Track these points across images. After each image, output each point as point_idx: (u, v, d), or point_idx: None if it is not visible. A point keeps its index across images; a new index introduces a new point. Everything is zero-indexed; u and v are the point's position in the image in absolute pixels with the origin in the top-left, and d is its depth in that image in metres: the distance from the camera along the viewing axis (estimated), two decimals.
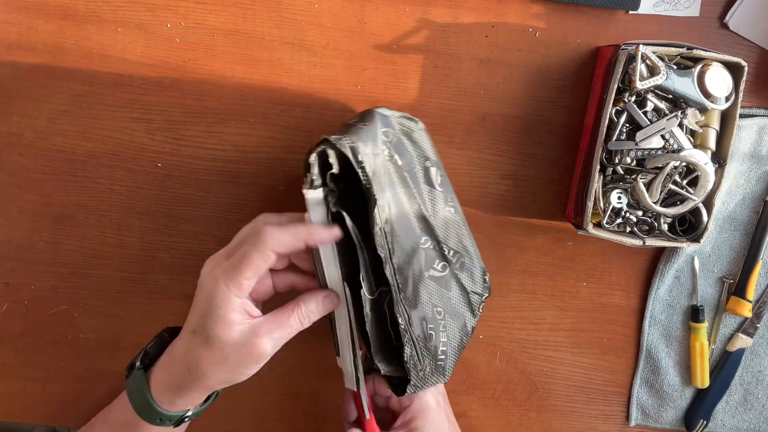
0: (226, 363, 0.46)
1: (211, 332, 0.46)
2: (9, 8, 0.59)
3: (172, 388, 0.49)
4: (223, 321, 0.45)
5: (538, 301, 0.66)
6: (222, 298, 0.45)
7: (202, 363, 0.47)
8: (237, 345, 0.46)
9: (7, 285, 0.64)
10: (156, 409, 0.49)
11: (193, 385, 0.48)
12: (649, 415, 0.68)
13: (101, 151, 0.62)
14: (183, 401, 0.49)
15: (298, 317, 0.48)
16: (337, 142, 0.48)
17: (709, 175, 0.56)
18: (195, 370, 0.47)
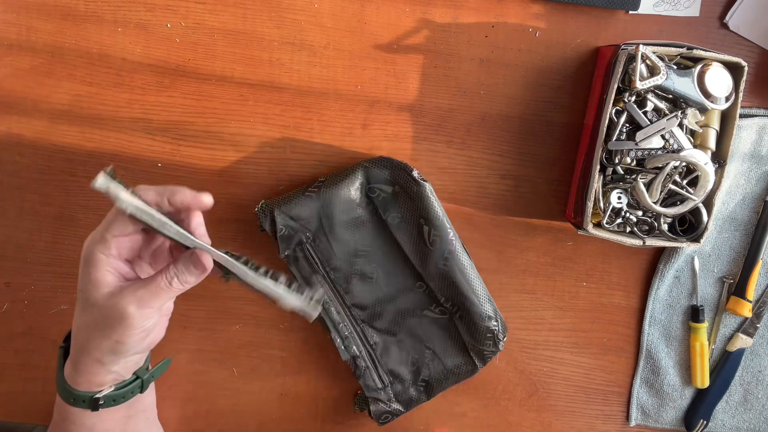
0: (97, 327, 0.45)
1: (84, 294, 0.46)
2: (9, 8, 0.59)
3: (72, 364, 0.48)
4: (92, 282, 0.45)
5: (538, 301, 0.66)
6: (90, 258, 0.45)
7: (82, 329, 0.46)
8: (104, 306, 0.45)
9: (7, 285, 0.64)
10: (66, 387, 0.48)
11: (82, 357, 0.47)
12: (649, 415, 0.68)
13: (101, 151, 0.62)
14: (83, 378, 0.48)
15: (165, 276, 0.46)
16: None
17: (709, 175, 0.56)
18: (79, 339, 0.47)
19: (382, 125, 0.62)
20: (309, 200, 0.60)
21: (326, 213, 0.60)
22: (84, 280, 0.46)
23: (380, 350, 0.63)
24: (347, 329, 0.62)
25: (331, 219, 0.60)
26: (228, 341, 0.66)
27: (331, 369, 0.67)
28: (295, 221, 0.60)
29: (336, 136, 0.62)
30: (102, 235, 0.46)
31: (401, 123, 0.62)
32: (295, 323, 0.66)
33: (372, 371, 0.63)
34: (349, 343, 0.62)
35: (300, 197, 0.60)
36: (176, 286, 0.46)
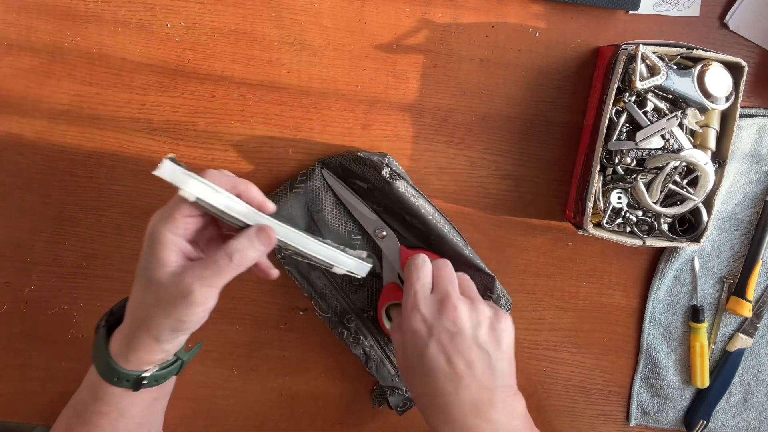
0: (160, 305, 0.46)
1: (147, 272, 0.46)
2: (9, 8, 0.59)
3: (124, 341, 0.48)
4: (157, 260, 0.45)
5: (538, 301, 0.66)
6: (157, 237, 0.46)
7: (141, 307, 0.47)
8: (168, 285, 0.45)
9: (7, 285, 0.64)
10: (112, 366, 0.48)
11: (140, 334, 0.47)
12: (649, 415, 0.68)
13: (101, 151, 0.62)
14: (136, 356, 0.48)
15: (225, 253, 0.46)
16: None
17: (709, 175, 0.56)
18: (137, 317, 0.47)
19: (382, 125, 0.62)
20: (296, 197, 0.60)
21: (316, 207, 0.60)
22: (148, 258, 0.46)
23: (388, 337, 0.63)
24: (353, 321, 0.62)
25: (322, 212, 0.60)
26: (228, 341, 0.66)
27: (331, 369, 0.67)
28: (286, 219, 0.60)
29: (336, 136, 0.62)
30: (171, 214, 0.46)
31: (401, 123, 0.62)
32: (295, 323, 0.66)
33: (384, 359, 0.63)
34: (357, 335, 0.62)
35: (287, 195, 0.60)
36: (237, 261, 0.46)
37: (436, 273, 0.53)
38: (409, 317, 0.51)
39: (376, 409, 0.67)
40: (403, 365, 0.52)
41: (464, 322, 0.50)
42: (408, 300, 0.51)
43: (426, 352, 0.49)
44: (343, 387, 0.67)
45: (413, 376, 0.51)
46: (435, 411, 0.50)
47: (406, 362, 0.52)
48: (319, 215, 0.61)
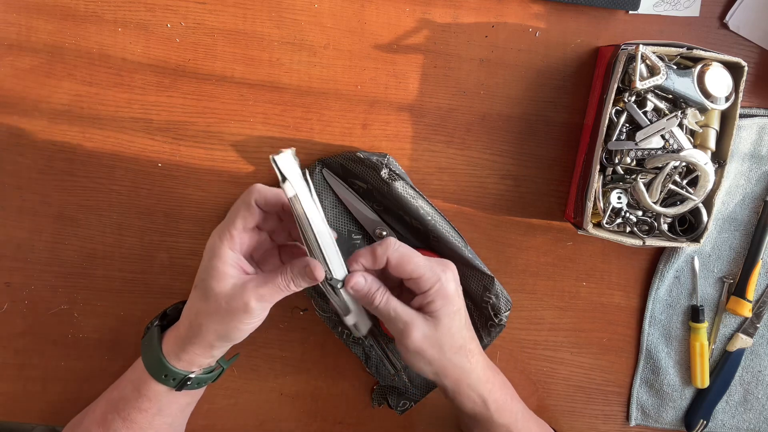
0: (217, 314, 0.49)
1: (206, 284, 0.49)
2: (9, 8, 0.59)
3: (178, 342, 0.52)
4: (216, 273, 0.49)
5: (538, 301, 0.66)
6: (216, 251, 0.49)
7: (199, 315, 0.50)
8: (227, 297, 0.49)
9: (8, 285, 0.64)
10: (164, 362, 0.52)
11: (194, 339, 0.51)
12: (649, 415, 0.68)
13: (101, 151, 0.62)
14: (187, 357, 0.52)
15: (282, 278, 0.50)
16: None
17: (709, 175, 0.56)
18: (194, 323, 0.51)
19: (382, 125, 0.62)
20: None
21: None
22: (209, 271, 0.49)
23: (388, 336, 0.63)
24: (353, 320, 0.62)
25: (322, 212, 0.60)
26: None
27: (331, 369, 0.67)
28: None
29: (336, 136, 0.62)
30: (228, 230, 0.49)
31: (401, 123, 0.62)
32: (295, 323, 0.66)
33: (384, 359, 0.63)
34: None
35: None
36: (292, 288, 0.50)
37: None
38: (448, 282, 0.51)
39: (376, 409, 0.67)
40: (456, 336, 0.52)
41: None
42: (434, 273, 0.51)
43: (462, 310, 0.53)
44: (343, 387, 0.67)
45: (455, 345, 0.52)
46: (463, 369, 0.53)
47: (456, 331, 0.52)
48: None
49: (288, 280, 0.50)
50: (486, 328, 0.62)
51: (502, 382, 0.57)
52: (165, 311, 0.57)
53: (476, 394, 0.54)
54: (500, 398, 0.55)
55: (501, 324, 0.61)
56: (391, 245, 0.50)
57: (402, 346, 0.51)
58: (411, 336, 0.50)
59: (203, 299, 0.50)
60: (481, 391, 0.54)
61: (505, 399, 0.56)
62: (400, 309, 0.51)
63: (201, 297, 0.50)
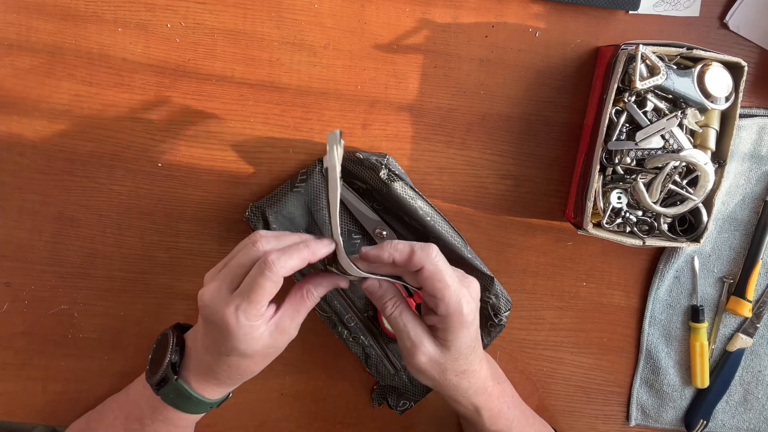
0: (267, 358, 0.51)
1: (247, 350, 0.48)
2: (9, 8, 0.59)
3: (221, 385, 0.52)
4: (252, 340, 0.47)
5: (538, 301, 0.66)
6: (246, 329, 0.47)
7: (247, 368, 0.51)
8: (269, 344, 0.49)
9: (8, 285, 0.64)
10: (206, 402, 0.52)
11: (242, 379, 0.52)
12: (649, 415, 0.68)
13: (101, 151, 0.62)
14: (220, 389, 0.53)
15: (310, 299, 0.50)
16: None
17: (709, 175, 0.56)
18: (242, 372, 0.51)
19: (382, 125, 0.62)
20: (297, 196, 0.60)
21: (316, 206, 0.60)
22: (241, 342, 0.47)
23: (387, 336, 0.63)
24: (353, 320, 0.62)
25: (322, 211, 0.60)
26: None
27: (331, 369, 0.67)
28: (287, 219, 0.60)
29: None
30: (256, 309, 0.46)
31: (401, 123, 0.62)
32: None
33: (383, 359, 0.63)
34: (357, 334, 0.62)
35: (288, 194, 0.60)
36: (313, 300, 0.51)
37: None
38: (468, 314, 0.49)
39: (376, 409, 0.67)
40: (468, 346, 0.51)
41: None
42: (453, 283, 0.49)
43: (475, 325, 0.51)
44: (343, 386, 0.67)
45: (469, 354, 0.52)
46: (477, 377, 0.53)
47: (468, 342, 0.51)
48: (319, 214, 0.61)
49: (315, 299, 0.50)
50: (486, 328, 0.62)
51: (500, 392, 0.56)
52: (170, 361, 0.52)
53: (470, 404, 0.54)
54: (495, 407, 0.55)
55: (501, 324, 0.61)
56: (432, 254, 0.48)
57: (405, 360, 0.51)
58: (415, 357, 0.50)
59: (246, 359, 0.49)
60: (476, 401, 0.54)
61: (501, 408, 0.56)
62: (411, 326, 0.50)
63: (242, 359, 0.49)
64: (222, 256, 0.64)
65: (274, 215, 0.60)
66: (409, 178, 0.62)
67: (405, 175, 0.62)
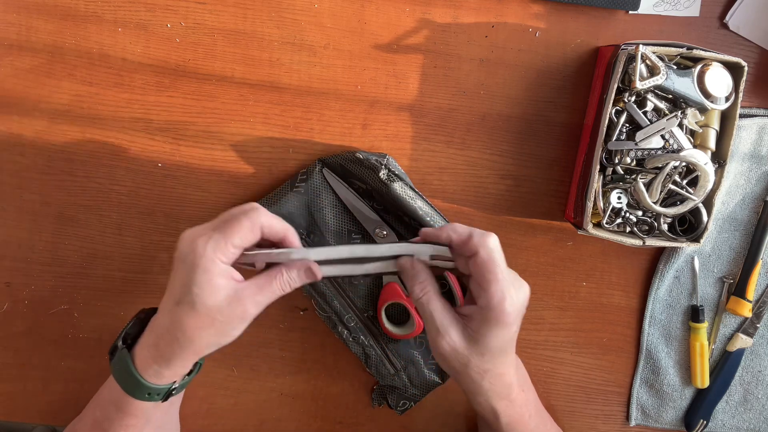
0: (212, 327, 0.48)
1: (198, 298, 0.46)
2: (9, 8, 0.59)
3: (158, 361, 0.49)
4: (209, 286, 0.46)
5: (538, 301, 0.66)
6: (208, 264, 0.46)
7: (189, 330, 0.48)
8: (223, 308, 0.47)
9: (8, 285, 0.64)
10: (144, 384, 0.49)
11: (182, 353, 0.49)
12: (649, 415, 0.68)
13: (101, 151, 0.62)
14: (171, 372, 0.50)
15: (280, 284, 0.49)
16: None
17: (709, 175, 0.56)
18: (182, 338, 0.48)
19: (382, 125, 0.62)
20: (297, 196, 0.60)
21: (316, 206, 0.60)
22: (197, 284, 0.46)
23: (387, 336, 0.63)
24: (353, 320, 0.62)
25: (322, 211, 0.60)
26: None
27: (330, 369, 0.67)
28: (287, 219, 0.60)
29: (336, 136, 0.62)
30: (225, 242, 0.46)
31: (401, 123, 0.62)
32: (295, 323, 0.66)
33: (383, 359, 0.63)
34: (357, 334, 0.62)
35: (288, 194, 0.60)
36: (288, 290, 0.50)
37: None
38: (510, 316, 0.48)
39: (376, 409, 0.67)
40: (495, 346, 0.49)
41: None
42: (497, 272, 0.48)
43: (513, 328, 0.49)
44: (343, 386, 0.67)
45: (498, 355, 0.50)
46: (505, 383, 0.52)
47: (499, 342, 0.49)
48: (319, 214, 0.61)
49: (285, 283, 0.49)
50: None
51: (524, 401, 0.54)
52: (126, 330, 0.52)
53: (489, 406, 0.52)
54: (515, 414, 0.53)
55: None
56: (490, 242, 0.47)
57: (430, 345, 0.50)
58: (439, 344, 0.49)
59: (192, 314, 0.47)
60: (496, 405, 0.52)
61: (522, 415, 0.53)
62: (438, 313, 0.49)
63: (188, 312, 0.47)
64: None
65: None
66: (408, 178, 0.62)
67: (405, 175, 0.62)
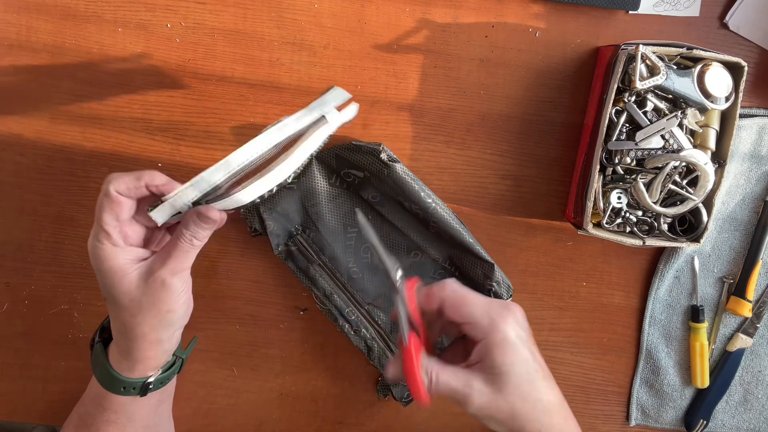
0: (142, 311, 0.47)
1: (112, 291, 0.46)
2: (9, 8, 0.59)
3: (124, 355, 0.49)
4: (114, 275, 0.46)
5: (538, 301, 0.66)
6: (101, 254, 0.46)
7: (126, 322, 0.47)
8: (140, 290, 0.46)
9: (8, 285, 0.64)
10: (117, 377, 0.49)
11: (137, 345, 0.48)
12: (649, 415, 0.68)
13: (101, 151, 0.62)
14: (140, 365, 0.49)
15: (182, 239, 0.47)
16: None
17: (709, 175, 0.56)
18: (128, 332, 0.48)
19: (382, 125, 0.62)
20: (291, 192, 0.60)
21: (311, 201, 0.60)
22: (104, 276, 0.46)
23: (389, 329, 0.63)
24: (353, 314, 0.62)
25: (317, 206, 0.60)
26: (227, 341, 0.66)
27: (330, 368, 0.67)
28: (282, 215, 0.60)
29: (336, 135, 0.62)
30: (100, 227, 0.46)
31: (401, 123, 0.62)
32: (295, 323, 0.66)
33: (387, 351, 0.63)
34: (358, 327, 0.62)
35: (282, 191, 0.60)
36: (196, 243, 0.48)
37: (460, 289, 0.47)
38: (506, 329, 0.45)
39: (377, 409, 0.67)
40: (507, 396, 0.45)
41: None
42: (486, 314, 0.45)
43: (524, 348, 0.45)
44: (343, 386, 0.67)
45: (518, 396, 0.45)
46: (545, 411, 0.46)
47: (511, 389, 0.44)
48: (314, 209, 0.61)
49: (189, 238, 0.47)
50: None
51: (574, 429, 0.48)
52: (103, 325, 0.53)
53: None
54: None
55: None
56: (449, 285, 0.46)
57: (469, 413, 0.45)
58: (472, 404, 0.44)
59: (117, 307, 0.47)
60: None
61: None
62: (453, 381, 0.44)
63: (114, 306, 0.47)
64: (221, 256, 0.65)
65: (268, 212, 0.60)
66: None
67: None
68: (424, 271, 0.63)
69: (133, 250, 0.47)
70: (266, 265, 0.65)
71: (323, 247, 0.62)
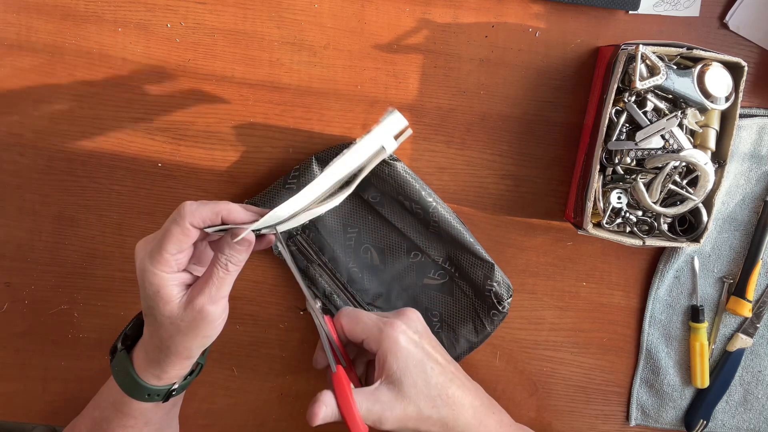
0: (180, 333, 0.48)
1: (155, 312, 0.47)
2: (9, 8, 0.59)
3: (153, 364, 0.50)
4: (160, 299, 0.47)
5: (538, 301, 0.66)
6: (153, 278, 0.47)
7: (164, 339, 0.48)
8: (180, 317, 0.47)
9: (7, 285, 0.64)
10: (143, 385, 0.50)
11: (169, 359, 0.49)
12: (649, 415, 0.68)
13: (101, 151, 0.62)
14: (167, 375, 0.50)
15: (219, 267, 0.48)
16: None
17: (709, 175, 0.56)
18: (162, 346, 0.49)
19: None
20: (290, 193, 0.60)
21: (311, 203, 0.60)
22: (150, 298, 0.47)
23: None
24: None
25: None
26: (227, 341, 0.66)
27: None
28: None
29: (336, 136, 0.62)
30: (161, 254, 0.46)
31: None
32: (295, 323, 0.66)
33: None
34: None
35: (281, 191, 0.60)
36: (232, 269, 0.48)
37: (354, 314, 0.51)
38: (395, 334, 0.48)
39: None
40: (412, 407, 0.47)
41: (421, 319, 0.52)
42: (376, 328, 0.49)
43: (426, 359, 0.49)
44: None
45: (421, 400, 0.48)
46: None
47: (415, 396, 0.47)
48: None
49: (223, 266, 0.48)
50: (489, 317, 0.62)
51: (497, 422, 0.52)
52: (125, 332, 0.53)
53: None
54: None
55: (504, 312, 0.62)
56: (343, 311, 0.50)
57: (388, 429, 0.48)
58: (387, 420, 0.46)
59: (158, 326, 0.48)
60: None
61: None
62: (365, 403, 0.46)
63: (155, 323, 0.48)
64: None
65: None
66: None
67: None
68: (423, 272, 0.63)
69: (181, 275, 0.48)
70: (266, 265, 0.65)
71: (323, 247, 0.62)
